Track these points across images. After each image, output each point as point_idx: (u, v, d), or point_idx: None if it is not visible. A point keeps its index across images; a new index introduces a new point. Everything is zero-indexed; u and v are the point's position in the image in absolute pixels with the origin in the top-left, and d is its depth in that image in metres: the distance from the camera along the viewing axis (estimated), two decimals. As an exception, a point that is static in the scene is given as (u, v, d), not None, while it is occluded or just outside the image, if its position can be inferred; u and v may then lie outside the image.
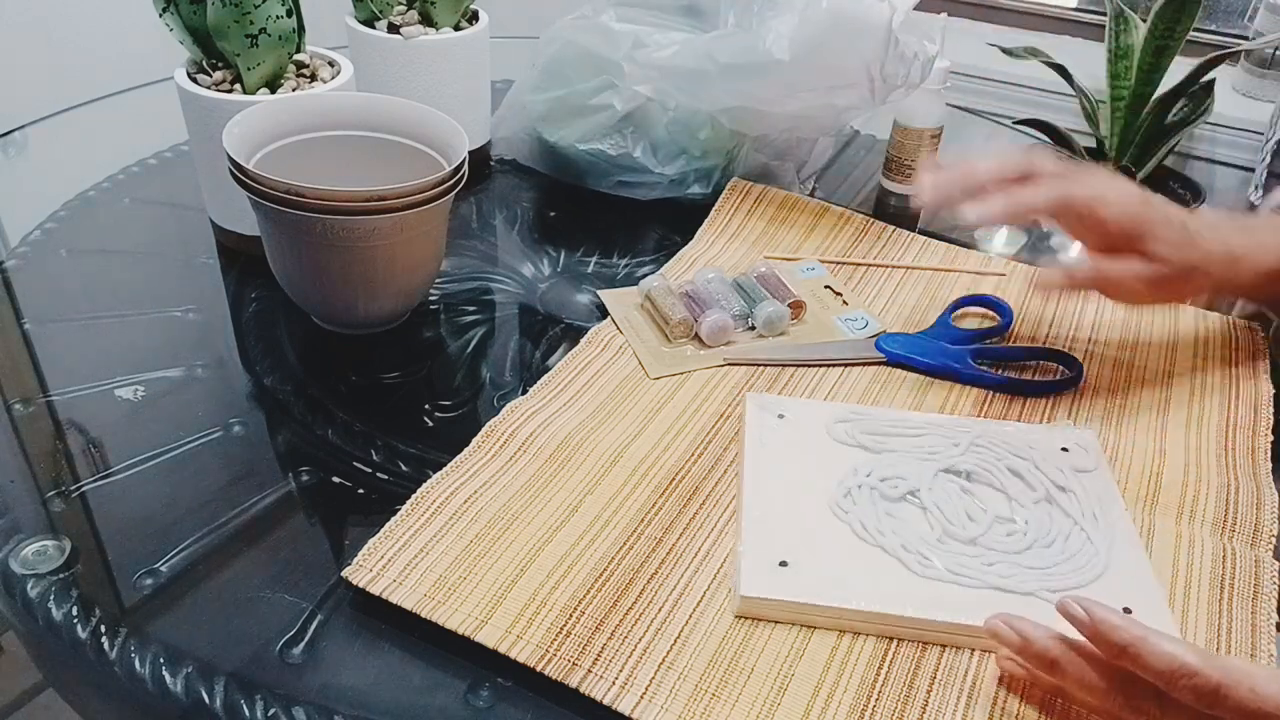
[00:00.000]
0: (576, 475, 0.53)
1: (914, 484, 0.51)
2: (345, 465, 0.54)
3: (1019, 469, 0.53)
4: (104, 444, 0.55)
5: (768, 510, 0.50)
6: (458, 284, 0.71)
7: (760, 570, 0.46)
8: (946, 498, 0.51)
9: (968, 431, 0.55)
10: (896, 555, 0.48)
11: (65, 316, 0.64)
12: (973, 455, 0.53)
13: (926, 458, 0.53)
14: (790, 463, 0.53)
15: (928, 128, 0.80)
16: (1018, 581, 0.46)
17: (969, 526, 0.49)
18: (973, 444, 0.54)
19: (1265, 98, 1.69)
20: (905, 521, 0.50)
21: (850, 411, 0.57)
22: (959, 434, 0.55)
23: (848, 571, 0.47)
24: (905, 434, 0.55)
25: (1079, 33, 1.89)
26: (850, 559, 0.48)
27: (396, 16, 0.79)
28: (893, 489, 0.51)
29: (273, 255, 0.61)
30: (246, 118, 0.61)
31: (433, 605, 0.45)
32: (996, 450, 0.54)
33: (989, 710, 0.42)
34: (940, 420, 0.57)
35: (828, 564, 0.47)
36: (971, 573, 0.47)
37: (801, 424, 0.55)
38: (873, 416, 0.56)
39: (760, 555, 0.47)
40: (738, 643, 0.44)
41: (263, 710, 0.41)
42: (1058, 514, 0.51)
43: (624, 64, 0.74)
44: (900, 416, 0.57)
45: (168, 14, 0.67)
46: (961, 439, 0.54)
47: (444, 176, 0.58)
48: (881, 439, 0.54)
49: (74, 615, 0.45)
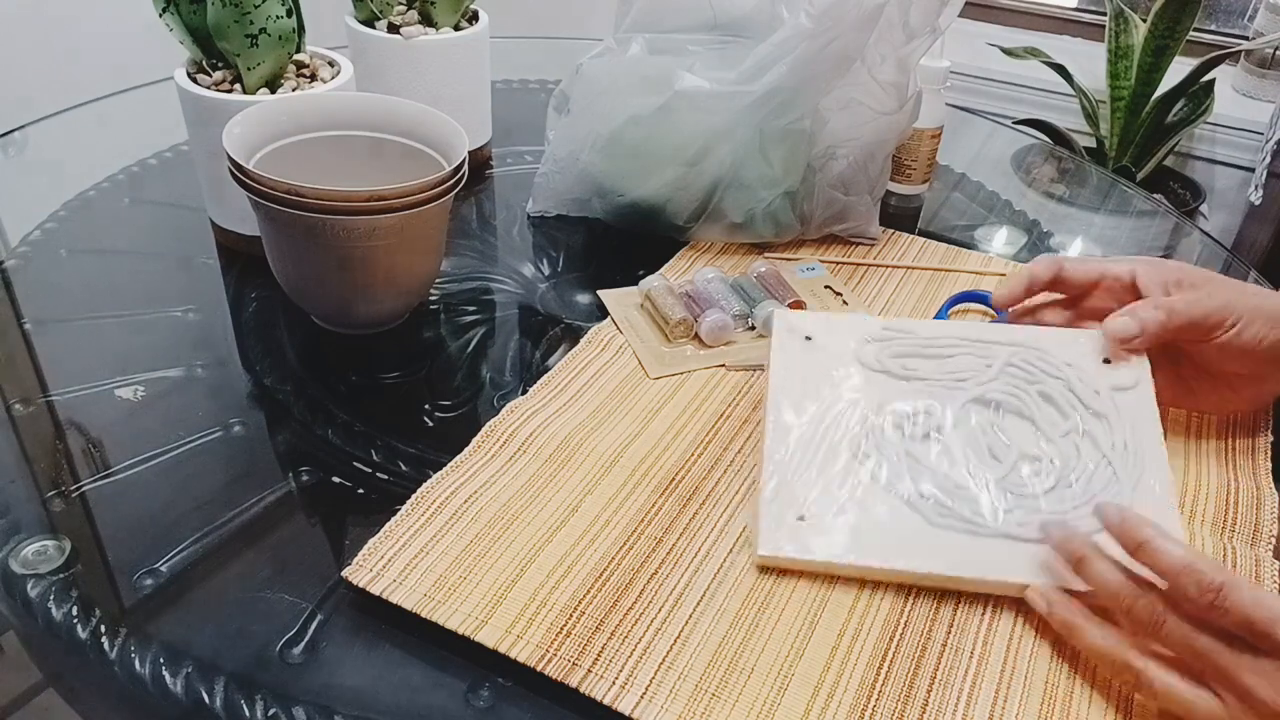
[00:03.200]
0: (576, 475, 0.53)
1: (938, 420, 0.50)
2: (345, 465, 0.54)
3: (1052, 393, 0.51)
4: (104, 444, 0.55)
5: (789, 451, 0.49)
6: (458, 284, 0.71)
7: (779, 526, 0.47)
8: (970, 436, 0.50)
9: (1004, 348, 0.53)
10: (913, 505, 0.47)
11: (65, 316, 0.64)
12: (1004, 380, 0.52)
13: (955, 386, 0.52)
14: (813, 395, 0.52)
15: (928, 128, 0.80)
16: (1032, 529, 0.46)
17: (993, 468, 0.49)
18: (1006, 365, 0.52)
19: (1265, 98, 1.69)
20: (927, 462, 0.49)
21: (882, 329, 0.54)
22: (994, 352, 0.53)
23: (866, 525, 0.47)
24: (938, 354, 0.53)
25: (1079, 33, 1.89)
26: (869, 509, 0.48)
27: (396, 16, 0.79)
28: (915, 426, 0.50)
29: (273, 255, 0.61)
30: (246, 118, 0.61)
31: (433, 605, 0.45)
32: (1030, 372, 0.52)
33: (989, 710, 0.43)
34: (976, 333, 0.55)
35: (846, 517, 0.47)
36: (987, 521, 0.47)
37: (829, 348, 0.54)
38: (905, 336, 0.54)
39: (779, 508, 0.47)
40: (738, 643, 0.44)
41: (263, 710, 0.41)
42: (1086, 446, 0.50)
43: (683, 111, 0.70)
44: (934, 333, 0.54)
45: (168, 14, 0.67)
46: (996, 358, 0.53)
47: (444, 176, 0.58)
48: (911, 363, 0.53)
49: (74, 615, 0.45)
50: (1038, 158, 1.03)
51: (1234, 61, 1.73)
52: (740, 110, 0.69)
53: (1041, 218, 0.87)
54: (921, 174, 0.83)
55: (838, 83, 0.69)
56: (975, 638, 0.46)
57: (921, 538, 0.47)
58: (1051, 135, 1.66)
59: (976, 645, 0.45)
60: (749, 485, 0.53)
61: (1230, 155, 1.70)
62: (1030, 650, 0.45)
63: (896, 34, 0.68)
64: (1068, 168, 1.03)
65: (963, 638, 0.46)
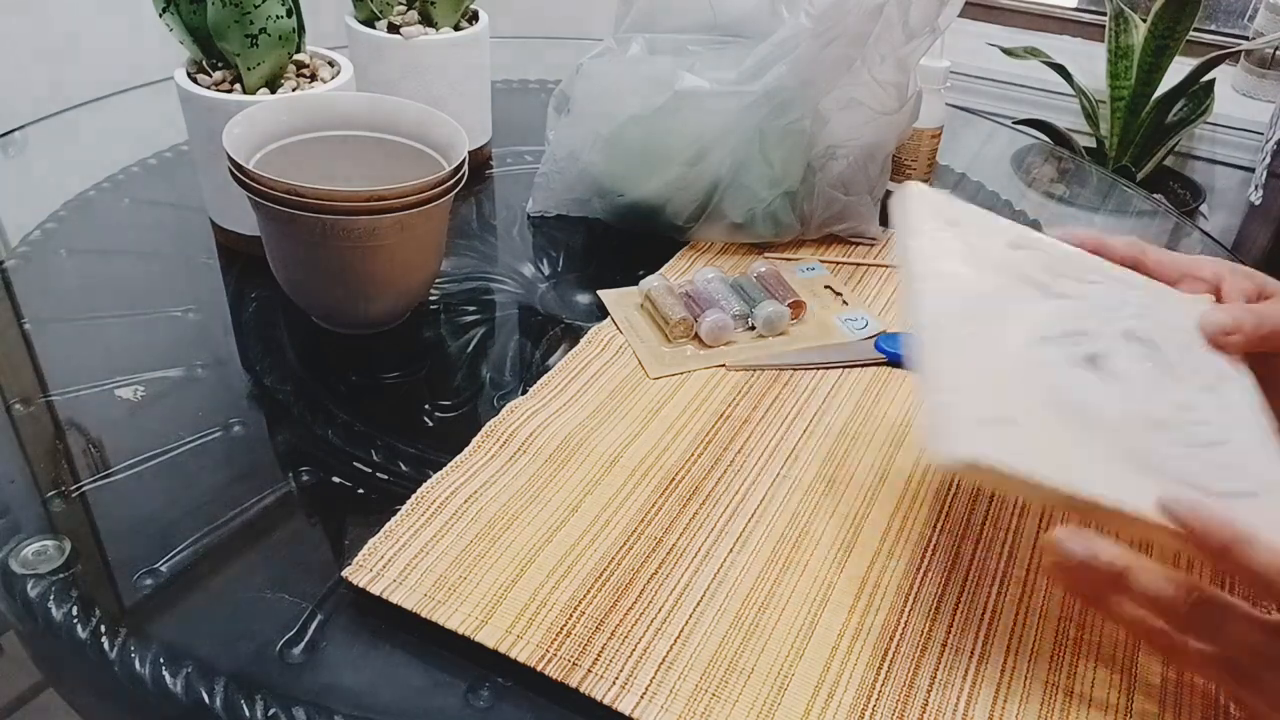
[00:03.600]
0: (576, 475, 0.53)
1: (1098, 345, 0.44)
2: (345, 465, 0.54)
3: (1192, 344, 0.46)
4: (104, 444, 0.55)
5: (955, 344, 0.42)
6: (458, 284, 0.71)
7: (971, 425, 0.39)
8: (1134, 367, 0.44)
9: (1136, 291, 0.48)
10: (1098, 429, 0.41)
11: (65, 316, 0.64)
12: (1149, 320, 0.46)
13: (1107, 315, 0.46)
14: (969, 288, 0.45)
15: (928, 128, 0.80)
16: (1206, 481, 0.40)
17: (1161, 407, 0.43)
18: (1141, 308, 0.47)
19: (1265, 98, 1.69)
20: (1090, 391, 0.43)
21: (1022, 237, 0.49)
22: (1128, 292, 0.48)
23: (1063, 442, 0.40)
24: (1079, 278, 0.48)
25: (1079, 33, 1.89)
26: (1058, 427, 0.41)
27: (396, 16, 0.79)
28: (1075, 347, 0.44)
29: (273, 255, 0.61)
30: (246, 118, 0.61)
31: (433, 605, 0.45)
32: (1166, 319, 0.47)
33: (989, 710, 0.43)
34: (1105, 265, 0.49)
35: (1042, 429, 0.40)
36: (1174, 467, 0.41)
37: (978, 243, 0.47)
38: (1046, 249, 0.49)
39: (966, 402, 0.40)
40: (738, 643, 0.44)
41: (263, 710, 0.41)
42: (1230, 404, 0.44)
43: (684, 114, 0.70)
44: (1069, 254, 0.49)
45: (168, 14, 0.67)
46: (1131, 299, 0.47)
47: (444, 176, 0.58)
48: (1056, 281, 0.47)
49: (74, 615, 0.45)
50: (1038, 158, 1.03)
51: (1234, 61, 1.73)
52: (740, 110, 0.69)
53: (1042, 218, 0.87)
54: (921, 174, 0.83)
55: (838, 82, 0.69)
56: (975, 638, 0.46)
57: (1120, 472, 0.40)
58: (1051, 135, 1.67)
59: (976, 645, 0.45)
60: (749, 485, 0.53)
61: (1230, 155, 1.70)
62: (1030, 651, 0.45)
63: (896, 33, 0.68)
64: (1068, 168, 1.03)
65: (963, 638, 0.46)
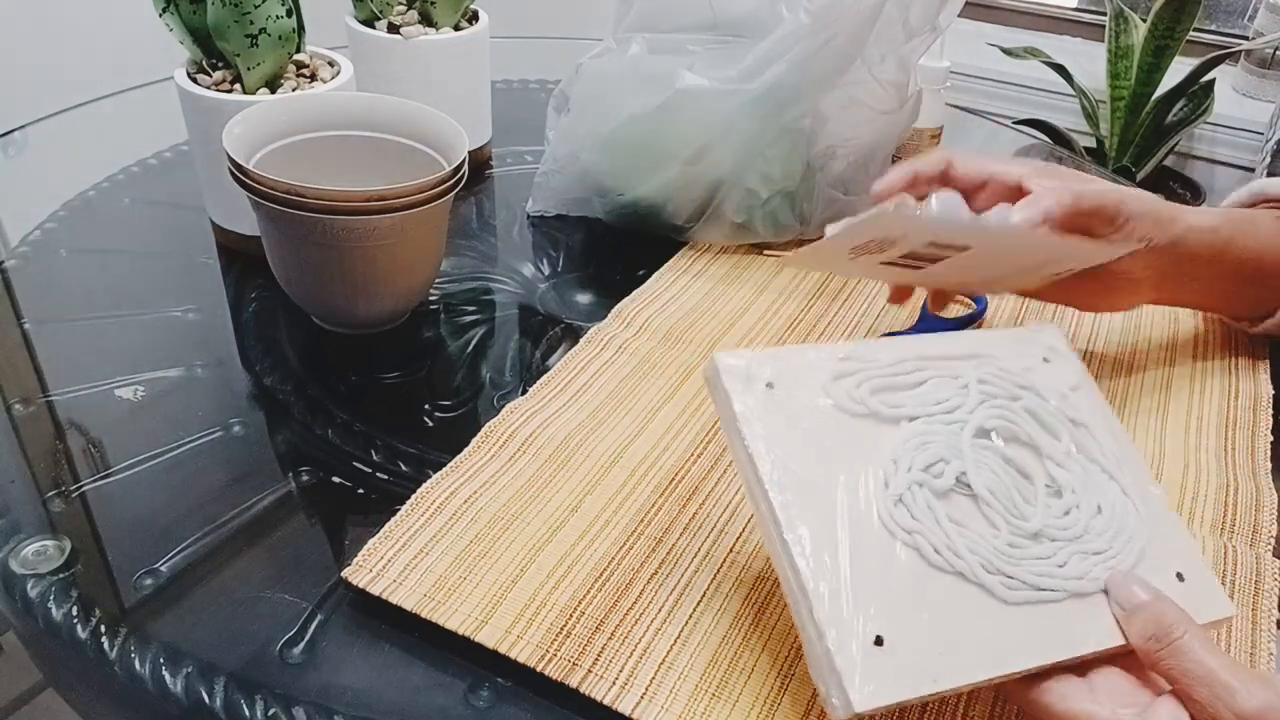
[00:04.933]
0: (576, 475, 0.53)
1: (956, 465, 0.42)
2: (345, 465, 0.54)
3: (1036, 410, 0.45)
4: (104, 444, 0.55)
5: (817, 552, 0.39)
6: (458, 284, 0.71)
7: (859, 664, 0.37)
8: (995, 477, 0.42)
9: (965, 363, 0.47)
10: (980, 581, 0.40)
11: (65, 316, 0.64)
12: (990, 406, 0.45)
13: (948, 420, 0.44)
14: (809, 468, 0.41)
15: (928, 128, 0.80)
16: (1093, 580, 0.41)
17: (1030, 515, 0.42)
18: (979, 383, 0.45)
19: (1265, 98, 1.69)
20: (964, 523, 0.41)
21: (841, 361, 0.45)
22: (959, 369, 0.46)
23: (948, 627, 0.39)
24: (909, 382, 0.45)
25: (1079, 33, 1.90)
26: (939, 603, 0.39)
27: (396, 16, 0.79)
28: (938, 478, 0.42)
29: (273, 255, 0.61)
30: (246, 118, 0.61)
31: (432, 605, 0.45)
32: (1003, 386, 0.46)
33: (989, 710, 0.42)
34: (927, 349, 0.47)
35: (922, 621, 0.38)
36: (1053, 582, 0.40)
37: (797, 395, 0.43)
38: (868, 365, 0.45)
39: (846, 634, 0.37)
40: (738, 643, 0.44)
41: (263, 710, 0.41)
42: (1086, 464, 0.45)
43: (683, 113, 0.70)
44: (892, 357, 0.46)
45: (168, 14, 0.67)
46: (966, 377, 0.46)
47: (444, 176, 0.58)
48: (892, 399, 0.44)
49: (74, 615, 0.45)
50: (1038, 158, 1.03)
51: (1234, 61, 1.73)
52: (740, 108, 0.69)
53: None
54: (921, 174, 0.82)
55: (838, 81, 0.69)
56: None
57: (1004, 625, 0.39)
58: (1051, 135, 1.67)
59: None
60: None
61: (1230, 155, 1.70)
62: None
63: (896, 32, 0.68)
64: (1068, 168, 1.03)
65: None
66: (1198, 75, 1.57)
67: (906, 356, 0.46)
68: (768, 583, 0.47)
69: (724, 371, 0.43)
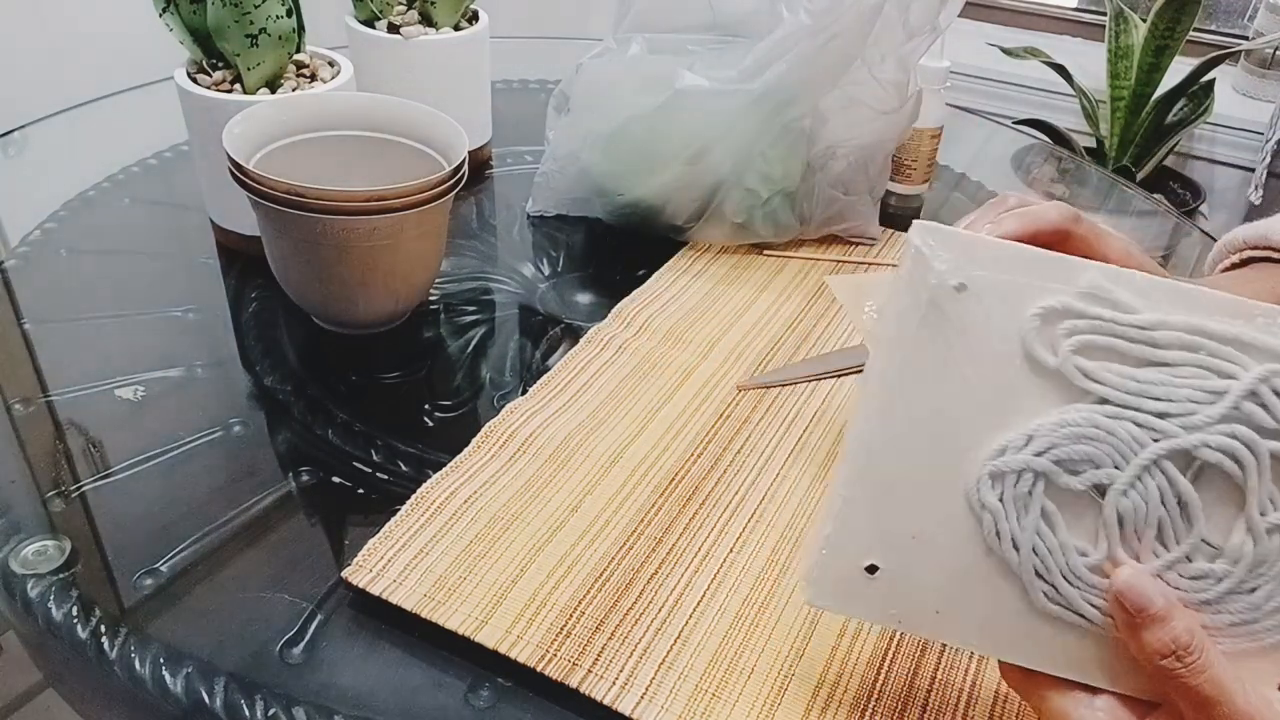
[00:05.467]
0: (576, 475, 0.53)
1: (1108, 474, 0.33)
2: (345, 465, 0.54)
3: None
4: (104, 444, 0.55)
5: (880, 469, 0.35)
6: (458, 284, 0.71)
7: (839, 572, 0.36)
8: (1137, 505, 0.33)
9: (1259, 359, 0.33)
10: (1021, 577, 0.35)
11: (65, 316, 0.64)
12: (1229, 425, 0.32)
13: (1152, 425, 0.33)
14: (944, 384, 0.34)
15: (928, 128, 0.80)
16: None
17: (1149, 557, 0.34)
18: (1246, 395, 0.32)
19: (1265, 98, 1.69)
20: (1056, 524, 0.34)
21: (1089, 289, 0.33)
22: (1239, 368, 0.33)
23: (949, 591, 0.35)
24: (1151, 359, 0.33)
25: (1079, 33, 1.90)
26: (962, 572, 0.35)
27: (396, 16, 0.79)
28: (1072, 477, 0.34)
29: (273, 255, 0.61)
30: (246, 118, 0.61)
31: (432, 605, 0.45)
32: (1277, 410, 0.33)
33: (989, 710, 0.43)
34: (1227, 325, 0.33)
35: (929, 577, 0.35)
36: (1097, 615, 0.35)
37: (990, 314, 0.34)
38: (1118, 314, 0.33)
39: (844, 544, 0.35)
40: (738, 643, 0.44)
41: (263, 710, 0.41)
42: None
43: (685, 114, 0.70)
44: (1161, 318, 0.33)
45: (168, 14, 0.67)
46: (1238, 379, 0.33)
47: (444, 176, 0.58)
48: (1104, 369, 0.33)
49: (74, 615, 0.45)
50: (1038, 158, 1.03)
51: (1234, 61, 1.73)
52: (740, 109, 0.69)
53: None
54: (921, 174, 0.83)
55: (838, 81, 0.69)
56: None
57: (1013, 618, 0.35)
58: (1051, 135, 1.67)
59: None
60: (749, 485, 0.53)
61: (1230, 155, 1.70)
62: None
63: (896, 32, 0.68)
64: (1068, 168, 1.03)
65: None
66: (1198, 75, 1.57)
67: (1182, 323, 0.33)
68: (768, 583, 0.47)
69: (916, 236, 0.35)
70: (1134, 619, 0.33)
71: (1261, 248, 0.50)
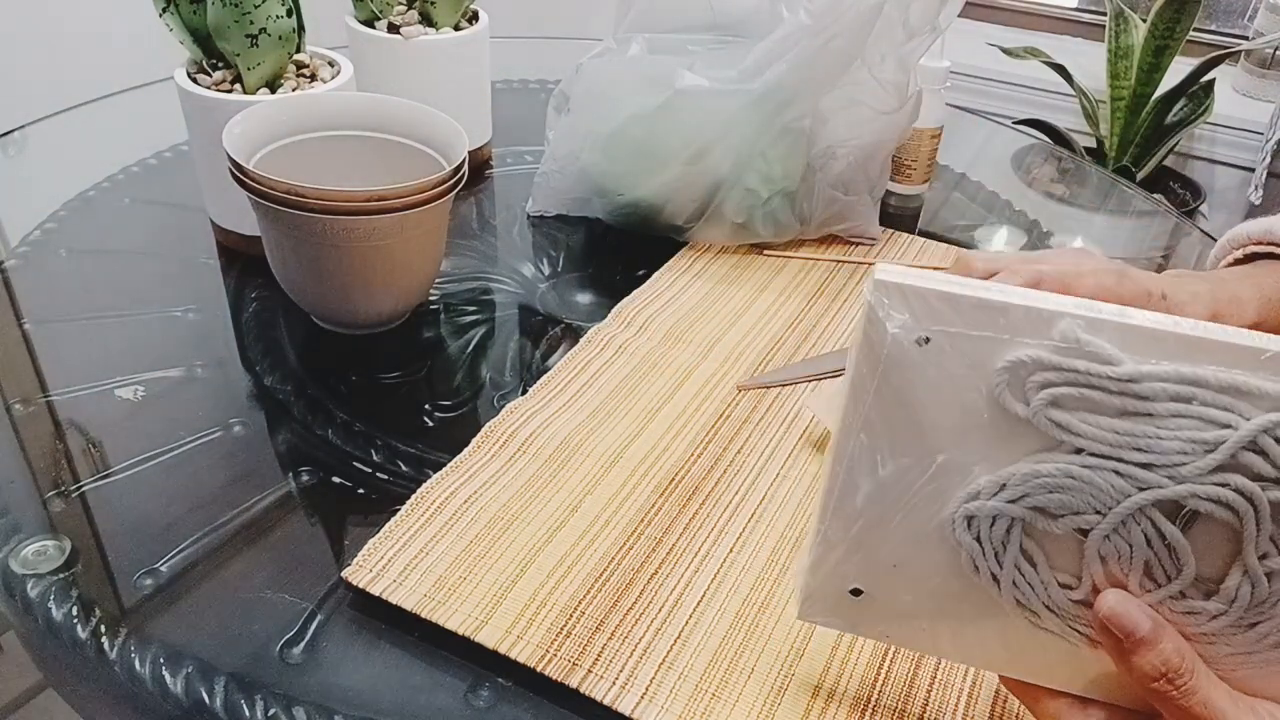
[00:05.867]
0: (576, 475, 0.53)
1: (1089, 519, 0.32)
2: (345, 465, 0.54)
3: None
4: (104, 444, 0.55)
5: (854, 509, 0.34)
6: (458, 284, 0.71)
7: (826, 594, 0.36)
8: (1121, 547, 0.32)
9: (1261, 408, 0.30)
10: (1004, 607, 0.34)
11: (65, 316, 0.64)
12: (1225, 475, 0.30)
13: (1137, 476, 0.31)
14: (913, 432, 0.33)
15: (928, 128, 0.80)
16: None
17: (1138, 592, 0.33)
18: (1245, 445, 0.30)
19: (1265, 98, 1.69)
20: (1045, 563, 0.33)
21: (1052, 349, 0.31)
22: (1237, 416, 0.30)
23: (935, 614, 0.35)
24: (1139, 411, 0.31)
25: (1079, 33, 1.90)
26: (946, 598, 0.35)
27: (396, 16, 0.79)
28: (1051, 520, 0.32)
29: (273, 255, 0.61)
30: (246, 118, 0.61)
31: (433, 605, 0.45)
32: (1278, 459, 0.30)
33: (989, 710, 0.43)
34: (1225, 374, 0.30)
35: (913, 601, 0.35)
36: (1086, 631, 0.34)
37: (956, 366, 0.32)
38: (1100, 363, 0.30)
39: (829, 575, 0.36)
40: (738, 643, 0.44)
41: (263, 710, 0.41)
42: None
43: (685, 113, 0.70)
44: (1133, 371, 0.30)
45: (168, 14, 0.67)
46: (1237, 427, 0.30)
47: (444, 176, 0.58)
48: (1081, 421, 0.31)
49: (74, 615, 0.45)
50: (1038, 158, 1.03)
51: (1234, 61, 1.73)
52: (740, 109, 0.69)
53: (1041, 218, 0.87)
54: (921, 174, 0.83)
55: (838, 81, 0.69)
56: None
57: (1003, 640, 0.35)
58: (1051, 135, 1.67)
59: (976, 645, 0.45)
60: (749, 485, 0.53)
61: (1230, 155, 1.70)
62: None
63: (896, 32, 0.68)
64: (1068, 168, 1.03)
65: (963, 638, 0.45)
66: (1198, 75, 1.57)
67: (1162, 373, 0.30)
68: (768, 583, 0.47)
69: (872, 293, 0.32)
70: (1122, 644, 0.32)
71: (1266, 243, 0.52)
